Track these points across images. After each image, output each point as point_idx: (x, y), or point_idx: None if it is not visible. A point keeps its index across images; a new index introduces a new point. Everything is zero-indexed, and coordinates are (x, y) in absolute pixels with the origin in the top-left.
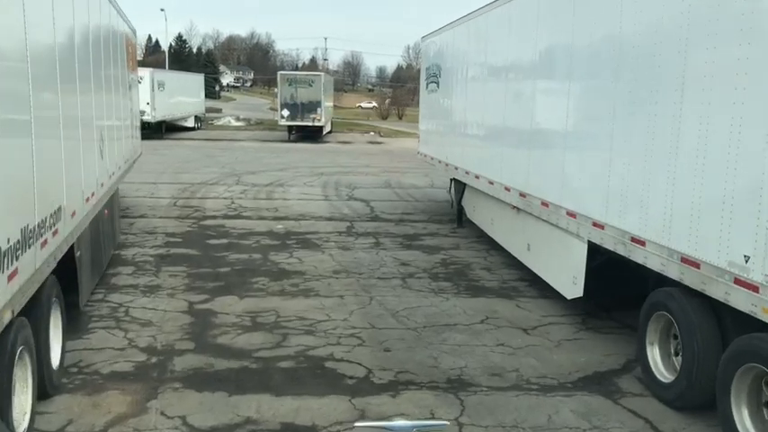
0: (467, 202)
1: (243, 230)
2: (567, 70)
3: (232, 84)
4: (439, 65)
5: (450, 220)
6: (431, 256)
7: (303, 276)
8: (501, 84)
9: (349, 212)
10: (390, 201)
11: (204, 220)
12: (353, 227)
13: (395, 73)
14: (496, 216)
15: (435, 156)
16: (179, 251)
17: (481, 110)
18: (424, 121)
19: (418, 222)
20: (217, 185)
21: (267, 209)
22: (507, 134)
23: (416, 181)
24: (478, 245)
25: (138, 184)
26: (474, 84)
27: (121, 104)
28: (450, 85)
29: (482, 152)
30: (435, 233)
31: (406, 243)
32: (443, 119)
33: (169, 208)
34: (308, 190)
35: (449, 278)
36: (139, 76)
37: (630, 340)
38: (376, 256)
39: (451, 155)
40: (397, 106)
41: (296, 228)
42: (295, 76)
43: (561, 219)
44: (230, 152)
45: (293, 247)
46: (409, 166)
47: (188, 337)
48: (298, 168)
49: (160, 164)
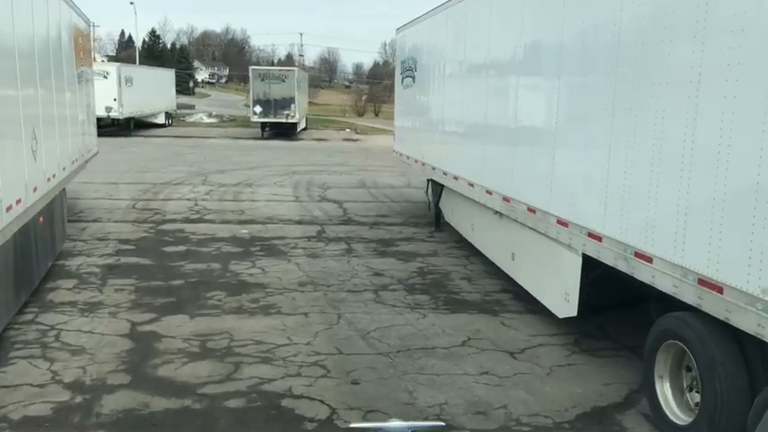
0: (445, 205)
1: (204, 236)
2: (557, 60)
3: (207, 80)
4: (415, 58)
5: (427, 223)
6: (407, 265)
7: (265, 290)
8: (482, 78)
9: (320, 215)
10: (365, 202)
11: (163, 225)
12: (324, 231)
13: (371, 69)
14: (477, 221)
15: (411, 155)
16: (130, 260)
17: (460, 106)
18: (400, 118)
19: (394, 226)
20: (181, 186)
21: (232, 211)
22: (489, 132)
23: (392, 180)
24: (458, 251)
25: (97, 184)
26: (452, 78)
27: (67, 100)
28: (427, 79)
29: (461, 152)
30: (412, 238)
31: (381, 249)
32: (420, 116)
33: (127, 211)
34: (277, 190)
35: (426, 290)
36: (105, 71)
37: (630, 365)
38: (347, 264)
39: (428, 154)
40: (374, 103)
41: (262, 232)
42: (268, 72)
43: (551, 227)
44: (200, 150)
45: (257, 254)
46: (385, 165)
47: (124, 367)
48: (269, 167)
49: (125, 162)
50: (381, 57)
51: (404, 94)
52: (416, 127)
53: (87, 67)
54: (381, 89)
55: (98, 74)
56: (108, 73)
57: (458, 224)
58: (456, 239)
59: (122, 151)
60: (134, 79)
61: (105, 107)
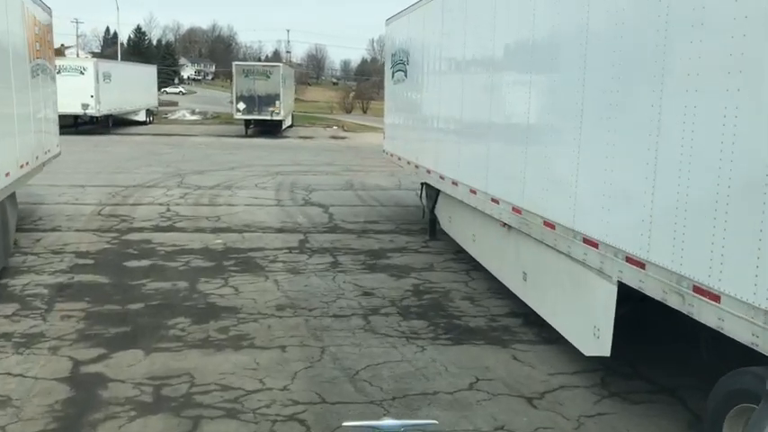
0: (441, 212)
1: (172, 247)
2: (581, 48)
3: (193, 76)
4: (407, 51)
5: (421, 231)
6: (400, 282)
7: (237, 315)
8: (485, 71)
9: (304, 221)
10: (352, 206)
11: (128, 234)
12: (308, 241)
13: (359, 66)
14: (480, 233)
15: (403, 156)
16: (85, 278)
17: (459, 102)
18: (390, 116)
19: (384, 234)
20: (154, 188)
21: (207, 218)
22: (495, 132)
23: (382, 181)
24: (456, 264)
25: (63, 187)
26: (450, 71)
27: (13, 96)
28: (421, 73)
29: (461, 154)
30: (404, 248)
31: (370, 263)
32: (412, 113)
33: (91, 217)
34: (258, 193)
35: (423, 314)
36: (82, 66)
37: (673, 414)
38: (332, 282)
39: (422, 155)
40: (362, 100)
41: (238, 243)
42: (252, 67)
43: (576, 246)
44: (179, 149)
45: (230, 270)
46: (374, 164)
47: (55, 427)
48: (251, 167)
49: (97, 163)
50: (369, 53)
51: (394, 90)
52: (409, 125)
53: (47, 60)
54: (369, 86)
55: (74, 69)
56: (85, 69)
57: (456, 234)
58: (454, 250)
59: (96, 151)
60: (112, 75)
61: (82, 104)
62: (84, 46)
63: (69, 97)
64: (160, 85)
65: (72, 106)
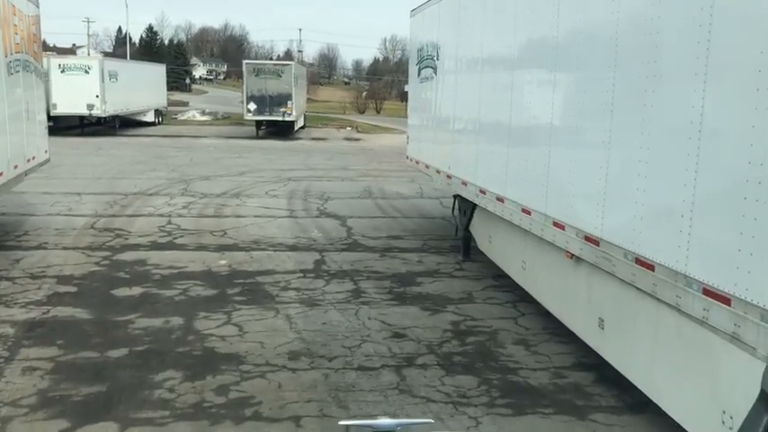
0: (478, 230)
1: (170, 270)
2: (701, 27)
3: (205, 76)
4: (437, 44)
5: (452, 249)
6: (436, 318)
7: (240, 367)
8: (544, 64)
9: (319, 236)
10: (372, 217)
11: (121, 253)
12: (324, 261)
13: (371, 66)
14: (534, 261)
15: (431, 163)
16: (63, 313)
17: (507, 103)
18: (415, 118)
19: (411, 252)
20: (156, 196)
21: (212, 232)
22: (559, 139)
23: (401, 188)
24: (500, 294)
25: (58, 195)
26: (494, 66)
27: None
28: (456, 69)
29: (510, 164)
30: (436, 271)
31: (398, 291)
32: (444, 115)
33: (82, 232)
34: (269, 202)
35: (470, 365)
36: (87, 65)
37: None
38: (355, 318)
39: (457, 164)
40: (375, 99)
41: (245, 264)
42: (262, 66)
43: (690, 299)
44: (186, 152)
45: (235, 301)
46: (392, 169)
47: None
48: (261, 172)
49: (98, 167)
50: (381, 53)
51: (421, 89)
52: (439, 129)
53: (31, 55)
54: (382, 85)
55: (78, 68)
56: (89, 67)
57: (499, 258)
58: (493, 274)
59: (99, 154)
60: (119, 74)
61: (87, 105)
62: (96, 46)
63: (74, 97)
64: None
65: (77, 107)
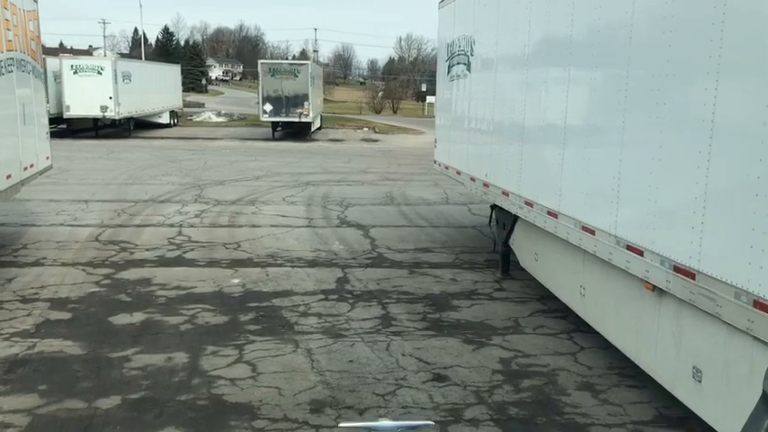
0: (521, 245)
1: (176, 292)
2: None
3: (221, 77)
4: (471, 38)
5: (488, 263)
6: (481, 354)
7: (252, 424)
8: (610, 55)
9: (341, 249)
10: (396, 226)
11: (125, 270)
12: (347, 280)
13: (386, 65)
14: (597, 287)
15: (464, 170)
16: (51, 347)
17: (563, 101)
18: (444, 119)
19: (443, 268)
20: (167, 203)
21: (225, 245)
22: (634, 135)
23: (425, 193)
24: (551, 320)
25: (64, 202)
26: (549, 57)
27: None
28: (494, 65)
29: (565, 173)
30: (473, 292)
31: (433, 317)
32: (479, 116)
33: (85, 245)
34: (286, 210)
35: (530, 422)
36: (99, 66)
37: None
38: (387, 354)
39: (495, 172)
40: (392, 99)
41: (260, 283)
42: (279, 66)
43: None
44: (200, 154)
45: (248, 331)
46: (413, 172)
47: None
48: (278, 176)
49: (109, 172)
50: (397, 52)
51: (451, 88)
52: (473, 132)
53: (27, 54)
54: (398, 85)
55: (91, 69)
56: (102, 68)
57: (548, 279)
58: (539, 294)
59: (111, 157)
60: (133, 75)
61: (100, 106)
62: (113, 47)
63: (87, 99)
64: (187, 87)
65: (90, 109)
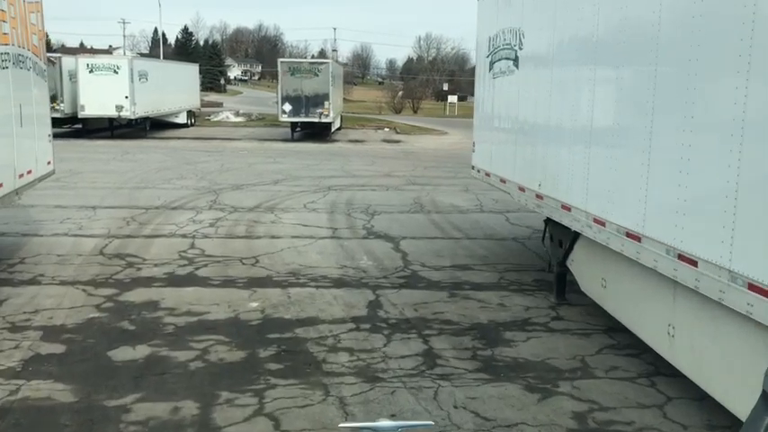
0: (583, 267)
1: (187, 318)
2: None
3: (240, 77)
4: (519, 29)
5: (537, 284)
6: (549, 407)
7: None
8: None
9: (370, 265)
10: (429, 238)
11: (131, 290)
12: (380, 304)
13: (405, 65)
14: (696, 332)
15: (510, 178)
16: (38, 393)
17: (649, 95)
18: (485, 120)
19: (487, 290)
20: (180, 210)
21: (242, 260)
22: (756, 131)
23: (456, 199)
24: (623, 359)
25: (71, 209)
26: (630, 47)
27: None
28: (550, 58)
29: (651, 185)
30: (527, 321)
31: (484, 354)
32: (530, 117)
33: (89, 259)
34: (308, 218)
35: None
36: (115, 65)
37: None
38: (435, 405)
39: (552, 181)
40: (412, 99)
41: (281, 308)
42: (299, 65)
43: None
44: (218, 156)
45: (269, 371)
46: (440, 175)
47: None
48: (298, 180)
49: (121, 175)
50: (416, 51)
51: (494, 86)
52: (522, 135)
53: (28, 49)
54: (417, 84)
55: (107, 68)
56: (118, 67)
57: (621, 311)
58: (605, 324)
59: (124, 159)
60: (149, 74)
61: (116, 106)
62: (133, 47)
63: (102, 99)
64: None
65: (106, 108)
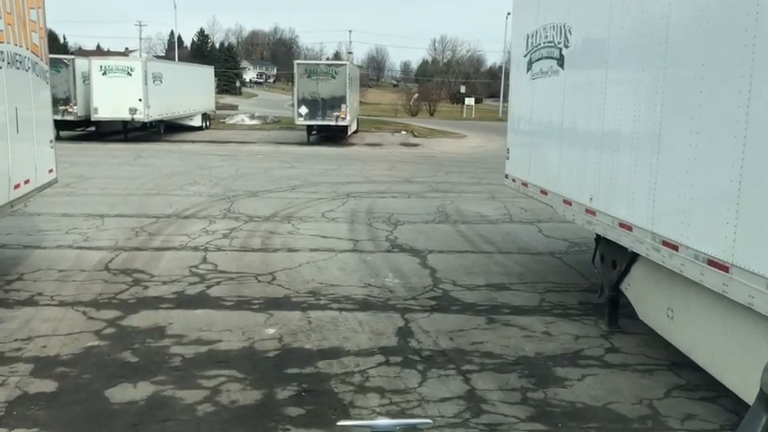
0: (643, 294)
1: (195, 349)
2: None
3: (255, 80)
4: (565, 26)
5: (583, 307)
6: None
7: None
8: None
9: (396, 284)
10: (458, 252)
11: (135, 314)
12: (411, 332)
13: (420, 67)
14: None
15: (553, 189)
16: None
17: (744, 93)
18: (522, 125)
19: (528, 314)
20: (192, 220)
21: (258, 276)
22: None
23: (483, 208)
24: (697, 403)
25: (78, 218)
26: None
27: None
28: (608, 56)
29: (740, 204)
30: (578, 354)
31: (536, 398)
32: (583, 123)
33: (93, 275)
34: (327, 229)
35: None
36: (129, 66)
37: None
38: None
39: (606, 196)
40: (429, 101)
41: (301, 336)
42: (315, 67)
43: None
44: (232, 160)
45: (288, 418)
46: (463, 181)
47: None
48: (316, 186)
49: (132, 180)
50: (431, 54)
51: (533, 87)
52: (569, 141)
53: (26, 47)
54: (432, 87)
55: (120, 70)
56: (132, 69)
57: (697, 350)
58: (667, 358)
59: (136, 163)
60: (164, 76)
61: (129, 109)
62: (149, 50)
63: (116, 101)
64: (221, 89)
65: (119, 111)
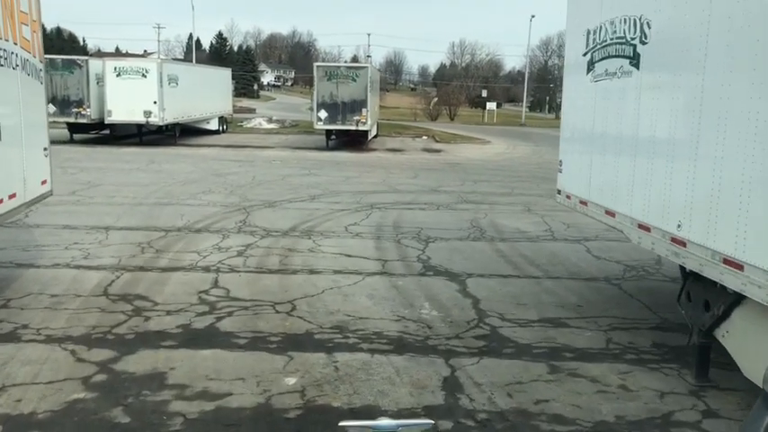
0: (747, 344)
1: (200, 406)
2: None
3: (273, 83)
4: (642, 18)
5: (658, 349)
6: None
7: None
8: None
9: (434, 317)
10: (501, 276)
11: (132, 354)
12: (459, 385)
13: (438, 71)
14: None
15: (624, 211)
16: None
17: None
18: (582, 134)
19: (597, 360)
20: (204, 234)
21: (275, 305)
22: None
23: (520, 222)
24: None
25: (80, 231)
26: None
27: None
28: (706, 54)
29: None
30: (667, 418)
31: None
32: (668, 134)
33: (88, 301)
34: (351, 246)
35: None
36: (144, 68)
37: None
38: None
39: (700, 224)
40: (449, 106)
41: (326, 388)
42: (336, 69)
43: None
44: (249, 167)
45: None
46: (493, 191)
47: None
48: (337, 195)
49: (143, 188)
50: (449, 57)
51: (595, 91)
52: (645, 154)
53: (16, 43)
54: (453, 90)
55: (135, 72)
56: (147, 71)
57: None
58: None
59: (149, 169)
60: (180, 79)
61: (144, 111)
62: (168, 52)
63: (130, 104)
64: (239, 92)
65: (133, 114)
